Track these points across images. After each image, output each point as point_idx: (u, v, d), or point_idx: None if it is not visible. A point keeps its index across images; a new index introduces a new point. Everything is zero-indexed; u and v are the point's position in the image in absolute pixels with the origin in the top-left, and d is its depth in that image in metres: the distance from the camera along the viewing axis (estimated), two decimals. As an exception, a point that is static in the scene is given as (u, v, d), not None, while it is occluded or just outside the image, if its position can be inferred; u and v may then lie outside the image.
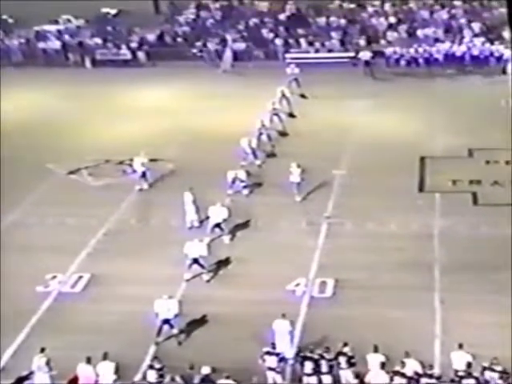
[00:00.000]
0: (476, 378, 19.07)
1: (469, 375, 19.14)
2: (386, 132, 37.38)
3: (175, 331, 22.42)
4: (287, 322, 21.58)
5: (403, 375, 19.31)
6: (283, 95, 40.07)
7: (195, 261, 25.28)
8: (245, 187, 31.11)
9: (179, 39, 53.15)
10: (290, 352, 21.14)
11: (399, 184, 31.55)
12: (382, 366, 19.58)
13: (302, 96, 42.56)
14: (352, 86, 43.54)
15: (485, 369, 19.28)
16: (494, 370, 19.23)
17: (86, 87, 45.16)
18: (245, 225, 28.78)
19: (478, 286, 24.29)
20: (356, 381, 19.84)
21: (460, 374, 19.35)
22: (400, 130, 37.89)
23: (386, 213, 29.26)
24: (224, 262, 26.45)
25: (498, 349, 20.37)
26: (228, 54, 50.01)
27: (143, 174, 32.01)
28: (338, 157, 34.23)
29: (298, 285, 25.04)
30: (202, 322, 23.21)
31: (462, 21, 51.39)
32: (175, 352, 21.79)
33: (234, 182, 30.87)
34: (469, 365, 19.38)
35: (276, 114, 37.66)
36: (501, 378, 19.13)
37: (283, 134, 37.37)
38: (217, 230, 27.84)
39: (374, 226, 28.47)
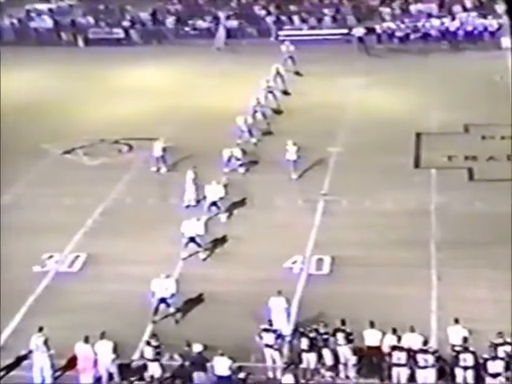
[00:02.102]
0: (473, 353, 19.12)
1: (465, 350, 19.20)
2: (381, 109, 37.38)
3: (172, 310, 22.45)
4: (283, 298, 21.57)
5: (402, 349, 19.39)
6: (278, 73, 39.99)
7: (192, 239, 25.28)
8: (241, 165, 31.09)
9: (172, 17, 52.90)
10: (286, 329, 21.21)
11: (395, 161, 31.59)
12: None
13: (297, 73, 42.48)
14: (346, 63, 43.56)
15: (497, 345, 19.25)
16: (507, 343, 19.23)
17: (79, 66, 45.05)
18: (241, 203, 28.78)
19: (474, 262, 24.33)
20: (354, 357, 19.88)
21: (456, 348, 19.41)
22: (395, 106, 37.89)
23: (381, 190, 29.28)
24: (220, 241, 26.46)
25: (495, 323, 20.39)
26: (221, 32, 49.87)
27: (162, 158, 31.60)
28: (333, 134, 34.25)
29: (294, 262, 25.05)
30: (198, 300, 23.21)
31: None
32: (172, 330, 21.78)
33: (229, 160, 30.84)
34: (465, 339, 19.43)
35: (271, 92, 37.59)
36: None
37: (278, 111, 37.31)
38: (213, 208, 27.83)
39: (370, 203, 28.49)
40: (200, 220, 25.63)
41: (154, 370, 19.86)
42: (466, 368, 19.12)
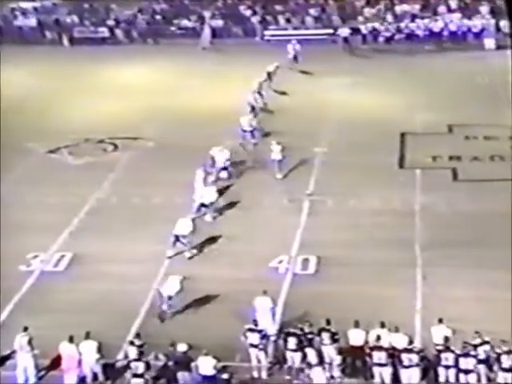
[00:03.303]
0: (454, 352, 19.22)
1: (446, 349, 19.28)
2: (366, 109, 37.47)
3: (165, 307, 22.42)
4: (268, 298, 21.60)
5: (381, 348, 19.49)
6: (269, 74, 39.84)
7: (178, 238, 25.28)
8: (224, 168, 30.74)
9: (158, 16, 52.85)
10: (272, 329, 21.22)
11: (380, 161, 31.67)
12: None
13: (303, 72, 42.30)
14: (331, 63, 43.54)
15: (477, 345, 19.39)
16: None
17: (64, 65, 44.92)
18: (230, 205, 28.73)
19: (458, 261, 24.44)
20: (339, 357, 19.94)
21: (438, 347, 19.51)
22: (380, 106, 38.00)
23: (367, 190, 29.35)
24: (207, 240, 26.45)
25: (479, 323, 20.47)
26: (206, 32, 49.85)
27: (225, 168, 30.62)
28: (318, 134, 34.27)
29: (280, 262, 25.10)
30: (184, 299, 23.20)
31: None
32: (157, 330, 21.77)
33: (214, 162, 30.56)
34: (446, 339, 19.51)
35: (259, 93, 37.50)
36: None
37: (268, 111, 37.10)
38: (203, 209, 27.79)
39: (355, 203, 28.56)
40: (189, 219, 25.67)
41: (138, 369, 19.81)
42: (447, 367, 19.21)
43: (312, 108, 37.36)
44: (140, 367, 19.52)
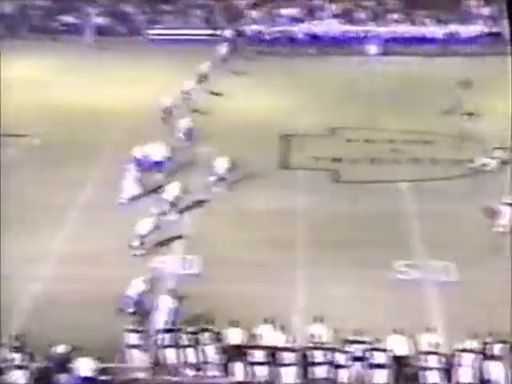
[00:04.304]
0: (327, 348, 19.65)
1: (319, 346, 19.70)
2: (250, 111, 37.64)
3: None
4: (170, 298, 21.65)
5: (259, 347, 19.69)
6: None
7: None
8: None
9: (40, 12, 51.78)
10: (153, 328, 21.08)
11: (262, 161, 31.87)
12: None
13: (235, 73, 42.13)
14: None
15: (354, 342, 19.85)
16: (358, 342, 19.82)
17: None
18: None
19: (339, 261, 24.85)
20: (219, 356, 19.97)
21: (317, 346, 19.85)
22: (263, 108, 38.24)
23: (249, 190, 29.55)
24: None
25: (359, 321, 20.83)
26: (90, 29, 49.18)
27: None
28: (202, 136, 34.08)
29: (165, 262, 25.10)
30: (65, 299, 22.80)
31: (322, 1, 52.03)
32: (36, 332, 21.24)
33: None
34: (319, 336, 19.96)
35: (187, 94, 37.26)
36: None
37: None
38: None
39: (238, 204, 28.70)
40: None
41: (16, 373, 19.38)
42: (319, 364, 19.60)
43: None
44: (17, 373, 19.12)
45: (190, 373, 20.06)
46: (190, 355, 20.04)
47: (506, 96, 33.99)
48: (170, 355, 20.09)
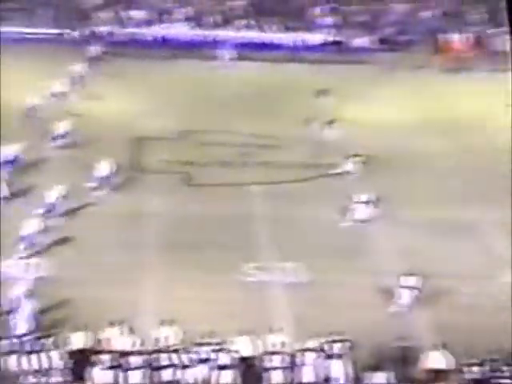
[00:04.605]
0: (170, 352, 19.63)
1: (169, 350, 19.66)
2: (101, 114, 37.08)
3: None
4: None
5: (103, 352, 19.48)
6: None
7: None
8: None
9: None
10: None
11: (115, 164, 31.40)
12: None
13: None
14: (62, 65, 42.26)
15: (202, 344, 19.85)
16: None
17: None
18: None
19: (187, 264, 24.77)
20: (62, 362, 19.51)
21: (162, 349, 19.80)
22: (113, 111, 37.79)
23: (102, 193, 29.29)
24: None
25: (207, 323, 20.84)
26: None
27: None
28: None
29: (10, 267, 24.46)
30: None
31: (172, 5, 51.89)
32: None
33: None
34: (165, 339, 19.97)
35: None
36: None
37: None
38: None
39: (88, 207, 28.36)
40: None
41: None
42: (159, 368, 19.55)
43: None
44: None
45: (32, 380, 19.46)
46: (34, 361, 19.46)
47: (363, 103, 34.87)
48: (12, 362, 19.45)
